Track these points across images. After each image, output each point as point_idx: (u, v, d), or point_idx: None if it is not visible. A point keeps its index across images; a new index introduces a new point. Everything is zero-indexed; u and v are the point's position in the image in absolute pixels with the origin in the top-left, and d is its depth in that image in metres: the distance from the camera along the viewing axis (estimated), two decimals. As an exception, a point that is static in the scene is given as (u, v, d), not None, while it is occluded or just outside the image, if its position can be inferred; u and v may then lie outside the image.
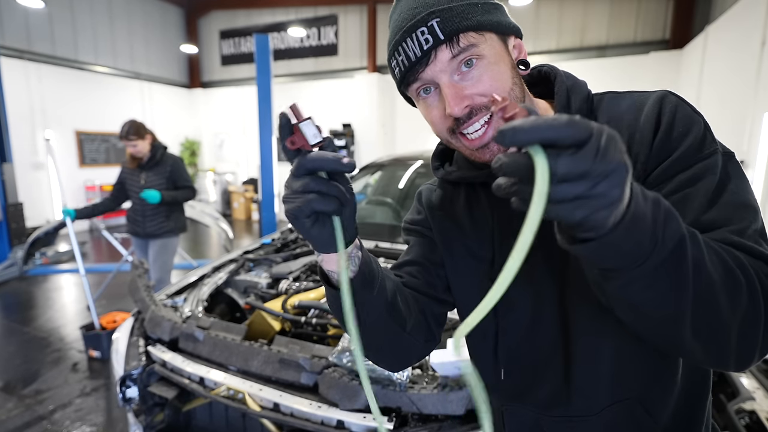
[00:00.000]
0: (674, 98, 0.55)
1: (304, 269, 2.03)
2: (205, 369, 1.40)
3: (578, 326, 0.57)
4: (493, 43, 0.55)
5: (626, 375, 0.57)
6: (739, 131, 3.98)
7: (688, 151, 0.51)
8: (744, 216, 0.47)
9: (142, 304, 1.73)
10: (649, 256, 0.36)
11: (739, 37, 4.25)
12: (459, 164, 0.70)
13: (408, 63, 0.55)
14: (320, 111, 9.08)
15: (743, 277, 0.41)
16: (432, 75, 0.54)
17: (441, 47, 0.53)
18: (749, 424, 1.71)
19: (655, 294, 0.39)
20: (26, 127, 7.10)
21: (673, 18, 6.55)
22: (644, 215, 0.35)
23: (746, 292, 0.40)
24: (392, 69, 0.58)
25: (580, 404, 0.60)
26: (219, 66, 10.21)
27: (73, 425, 2.29)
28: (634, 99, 0.57)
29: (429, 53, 0.53)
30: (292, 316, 1.58)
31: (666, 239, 0.36)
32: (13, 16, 6.97)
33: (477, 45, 0.53)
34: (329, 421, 1.17)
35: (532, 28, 7.53)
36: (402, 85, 0.58)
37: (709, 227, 0.46)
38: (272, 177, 5.48)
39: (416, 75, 0.55)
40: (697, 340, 0.41)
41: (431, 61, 0.53)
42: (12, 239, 5.47)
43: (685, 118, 0.53)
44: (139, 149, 2.82)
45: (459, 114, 0.53)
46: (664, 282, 0.38)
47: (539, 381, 0.62)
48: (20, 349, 3.20)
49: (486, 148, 0.55)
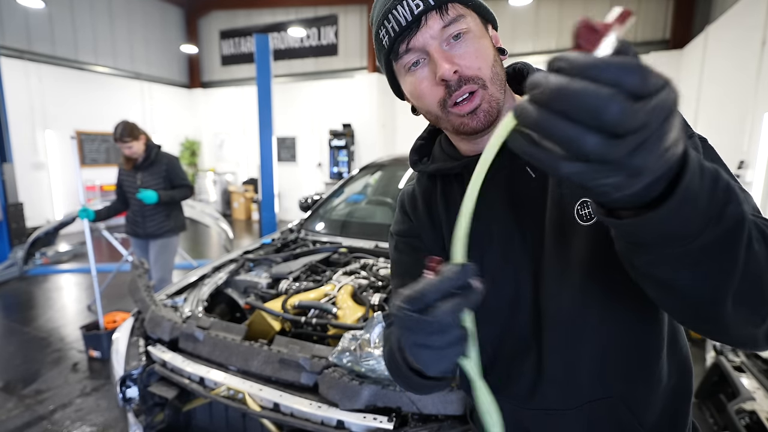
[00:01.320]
0: None
1: (304, 269, 2.03)
2: (205, 369, 1.40)
3: (554, 317, 0.57)
4: (477, 22, 0.58)
5: (608, 373, 0.57)
6: (739, 131, 3.98)
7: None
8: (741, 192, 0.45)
9: (142, 304, 1.73)
10: (699, 235, 0.32)
11: (739, 37, 4.25)
12: (435, 158, 0.71)
13: (398, 28, 0.56)
14: (320, 111, 9.08)
15: None
16: (423, 41, 0.55)
17: (431, 13, 0.54)
18: (749, 424, 1.71)
19: (695, 276, 0.34)
20: (26, 127, 7.09)
21: (673, 18, 6.55)
22: (699, 190, 0.31)
23: None
24: (380, 39, 0.59)
25: (555, 396, 0.59)
26: (219, 66, 10.21)
27: (73, 425, 2.29)
28: None
29: (420, 18, 0.54)
30: (292, 316, 1.58)
31: (724, 217, 0.32)
32: (13, 16, 6.97)
33: (465, 17, 0.56)
34: (329, 421, 1.17)
35: (532, 28, 7.53)
36: (390, 54, 0.58)
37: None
38: (272, 177, 5.47)
39: (407, 42, 0.56)
40: (737, 308, 0.37)
41: (422, 26, 0.55)
42: (12, 239, 5.47)
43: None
44: (134, 150, 2.80)
45: (449, 75, 0.54)
46: (710, 264, 0.34)
47: (516, 372, 0.62)
48: (20, 349, 3.20)
49: (474, 114, 0.57)
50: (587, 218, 0.55)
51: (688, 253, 0.33)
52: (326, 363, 1.28)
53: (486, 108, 0.57)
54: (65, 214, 4.37)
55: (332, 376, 1.23)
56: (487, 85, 0.56)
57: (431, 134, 0.75)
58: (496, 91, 0.57)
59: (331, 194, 2.94)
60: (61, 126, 7.67)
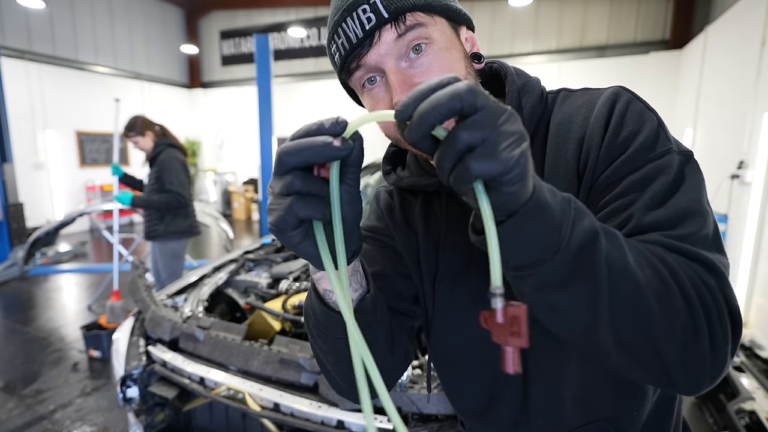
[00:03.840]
0: (627, 95, 0.51)
1: (304, 269, 2.04)
2: (206, 369, 1.40)
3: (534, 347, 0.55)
4: (443, 28, 0.50)
5: (594, 396, 0.55)
6: (739, 131, 3.98)
7: (639, 150, 0.47)
8: (692, 221, 0.43)
9: (143, 304, 1.74)
10: (557, 251, 0.34)
11: (739, 37, 4.25)
12: (411, 170, 0.65)
13: (348, 45, 0.49)
14: (320, 111, 9.08)
15: (674, 281, 0.38)
16: (376, 59, 0.48)
17: (385, 27, 0.47)
18: (749, 424, 1.71)
19: (569, 295, 0.37)
20: (27, 127, 7.10)
21: (673, 18, 6.55)
22: (549, 205, 0.34)
23: (680, 298, 0.37)
24: (332, 56, 0.52)
25: (541, 425, 0.57)
26: (219, 66, 10.21)
27: (73, 425, 2.29)
28: (586, 98, 0.54)
29: (372, 34, 0.47)
30: (293, 316, 1.58)
31: (574, 234, 0.35)
32: (13, 17, 6.97)
33: (425, 26, 0.48)
34: (329, 421, 1.17)
35: (532, 29, 7.53)
36: (343, 72, 0.52)
37: (651, 229, 0.43)
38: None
39: (358, 60, 0.49)
40: (623, 349, 0.38)
41: (375, 42, 0.48)
42: (12, 239, 5.47)
43: (636, 116, 0.49)
44: (140, 146, 2.75)
45: None
46: (577, 282, 0.36)
47: (498, 402, 0.60)
48: (21, 349, 3.20)
49: None
50: None
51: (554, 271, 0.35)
52: (326, 363, 1.28)
53: None
54: (65, 214, 4.37)
55: (332, 376, 1.23)
56: None
57: None
58: None
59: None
60: (61, 126, 7.67)
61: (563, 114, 0.55)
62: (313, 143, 0.34)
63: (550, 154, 0.54)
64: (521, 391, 0.57)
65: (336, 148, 0.33)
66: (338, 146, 0.33)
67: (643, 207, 0.44)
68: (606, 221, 0.46)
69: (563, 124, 0.54)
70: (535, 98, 0.56)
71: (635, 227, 0.44)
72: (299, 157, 0.34)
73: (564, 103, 0.56)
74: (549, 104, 0.57)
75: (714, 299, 0.39)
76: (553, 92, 0.59)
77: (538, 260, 0.35)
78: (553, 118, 0.56)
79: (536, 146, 0.56)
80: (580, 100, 0.55)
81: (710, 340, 0.38)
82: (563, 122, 0.54)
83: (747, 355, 2.12)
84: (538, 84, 0.58)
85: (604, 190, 0.48)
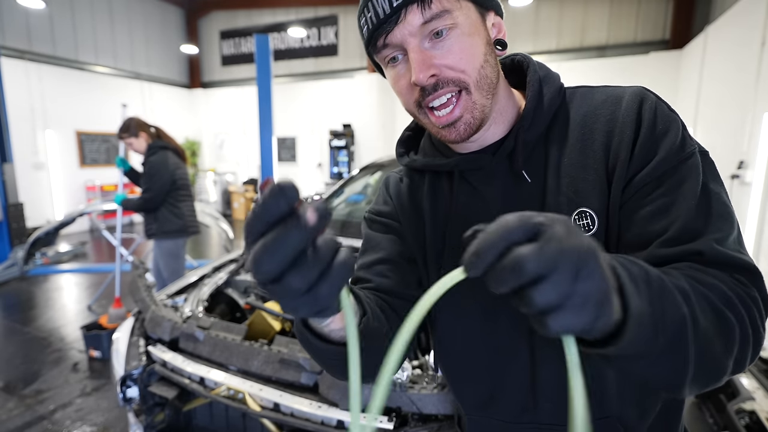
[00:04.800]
0: (652, 96, 0.54)
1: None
2: (206, 369, 1.40)
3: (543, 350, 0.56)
4: (469, 13, 0.51)
5: (606, 394, 0.55)
6: (739, 131, 3.98)
7: (671, 150, 0.49)
8: (725, 223, 0.47)
9: (143, 304, 1.74)
10: (655, 342, 0.35)
11: (739, 38, 4.25)
12: (425, 152, 0.67)
13: (376, 20, 0.50)
14: (320, 111, 9.08)
15: (733, 315, 0.40)
16: (401, 37, 0.50)
17: (412, 7, 0.49)
18: (749, 424, 1.71)
19: (659, 369, 0.38)
20: (27, 127, 7.10)
21: (673, 18, 6.55)
22: (642, 310, 0.34)
23: (738, 328, 0.40)
24: (361, 28, 0.54)
25: (549, 408, 0.58)
26: (219, 66, 10.21)
27: (73, 425, 2.29)
28: (609, 93, 0.56)
29: (399, 11, 0.49)
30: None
31: (668, 326, 0.36)
32: (13, 17, 6.97)
33: (451, 12, 0.49)
34: (329, 421, 1.17)
35: (532, 28, 7.53)
36: (370, 45, 0.54)
37: (696, 235, 0.46)
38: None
39: (384, 36, 0.51)
40: (696, 384, 0.41)
41: (400, 20, 0.49)
42: (13, 239, 5.47)
43: (665, 116, 0.51)
44: (134, 147, 2.75)
45: (424, 82, 0.50)
46: (668, 359, 0.38)
47: (504, 386, 0.60)
48: (21, 349, 3.20)
49: (452, 126, 0.53)
50: (586, 228, 0.53)
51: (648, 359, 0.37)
52: (326, 363, 1.28)
53: (468, 119, 0.53)
54: (65, 214, 4.37)
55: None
56: (470, 90, 0.52)
57: (419, 125, 0.69)
58: (481, 98, 0.53)
59: (331, 194, 2.94)
60: (61, 126, 7.67)
61: (588, 106, 0.56)
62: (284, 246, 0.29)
63: (575, 144, 0.55)
64: (529, 374, 0.58)
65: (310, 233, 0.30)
66: (312, 227, 0.29)
67: (686, 210, 0.47)
68: (652, 220, 0.49)
69: (589, 116, 0.55)
70: (555, 89, 0.58)
71: (682, 231, 0.46)
72: (276, 261, 0.30)
73: (585, 98, 0.58)
74: (567, 98, 0.59)
75: (757, 308, 0.43)
76: (571, 88, 0.60)
77: (645, 353, 0.36)
78: (577, 110, 0.57)
79: (556, 135, 0.57)
80: (602, 96, 0.56)
81: (754, 342, 0.42)
82: (589, 114, 0.56)
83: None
84: (558, 78, 0.60)
85: (644, 187, 0.50)
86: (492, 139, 0.60)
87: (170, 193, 2.80)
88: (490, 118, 0.56)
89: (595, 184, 0.53)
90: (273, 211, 0.30)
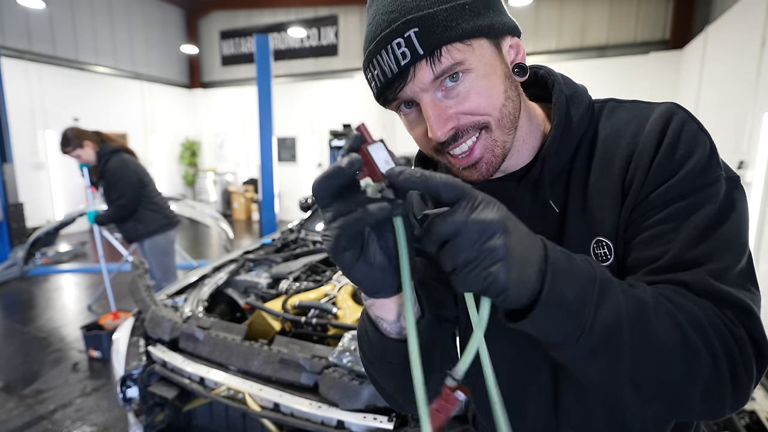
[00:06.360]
0: (681, 114, 0.49)
1: (304, 269, 2.04)
2: (206, 369, 1.40)
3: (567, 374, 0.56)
4: (483, 52, 0.47)
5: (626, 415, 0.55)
6: (739, 131, 3.98)
7: (689, 175, 0.46)
8: (730, 255, 0.44)
9: (143, 304, 1.74)
10: (579, 336, 0.37)
11: (739, 38, 4.25)
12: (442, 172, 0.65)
13: (384, 79, 0.47)
14: (320, 111, 9.08)
15: (702, 343, 0.39)
16: (411, 93, 0.48)
17: (420, 63, 0.45)
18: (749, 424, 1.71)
19: (594, 366, 0.40)
20: (27, 127, 7.10)
21: (673, 18, 6.55)
22: (563, 299, 0.36)
23: (707, 356, 0.39)
24: (368, 81, 0.51)
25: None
26: (219, 66, 10.21)
27: (73, 425, 2.29)
28: (636, 112, 0.53)
29: (407, 69, 0.46)
30: (293, 316, 1.58)
31: (597, 321, 0.37)
32: (13, 17, 6.97)
33: (463, 61, 0.46)
34: (329, 421, 1.17)
35: (532, 29, 7.53)
36: (380, 99, 0.51)
37: (690, 265, 0.44)
38: (272, 177, 5.48)
39: (394, 93, 0.48)
40: (651, 403, 0.41)
41: (410, 79, 0.46)
42: (13, 239, 5.47)
43: (690, 138, 0.48)
44: (83, 159, 2.62)
45: (443, 139, 0.48)
46: (601, 357, 0.39)
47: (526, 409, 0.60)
48: (21, 349, 3.20)
49: (474, 168, 0.51)
50: (604, 258, 0.51)
51: (577, 354, 0.39)
52: (326, 363, 1.28)
53: (488, 159, 0.50)
54: (65, 214, 4.37)
55: (332, 376, 1.23)
56: (491, 128, 0.49)
57: None
58: (502, 135, 0.50)
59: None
60: (61, 126, 7.62)
61: (611, 128, 0.53)
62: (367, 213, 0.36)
63: (596, 167, 0.53)
64: (552, 398, 0.57)
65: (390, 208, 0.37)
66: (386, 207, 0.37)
67: (684, 240, 0.45)
68: (647, 246, 0.47)
69: (611, 139, 0.53)
70: (583, 109, 0.54)
71: (673, 260, 0.45)
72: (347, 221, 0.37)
73: (612, 116, 0.55)
74: (596, 114, 0.56)
75: (741, 349, 0.41)
76: (600, 102, 0.57)
77: (561, 343, 0.39)
78: (601, 131, 0.54)
79: (580, 159, 0.55)
80: (629, 114, 0.53)
81: (733, 386, 0.40)
82: (611, 137, 0.53)
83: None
84: (585, 93, 0.56)
85: (650, 211, 0.48)
86: (516, 166, 0.57)
87: (142, 192, 2.75)
88: (513, 148, 0.53)
89: (611, 212, 0.51)
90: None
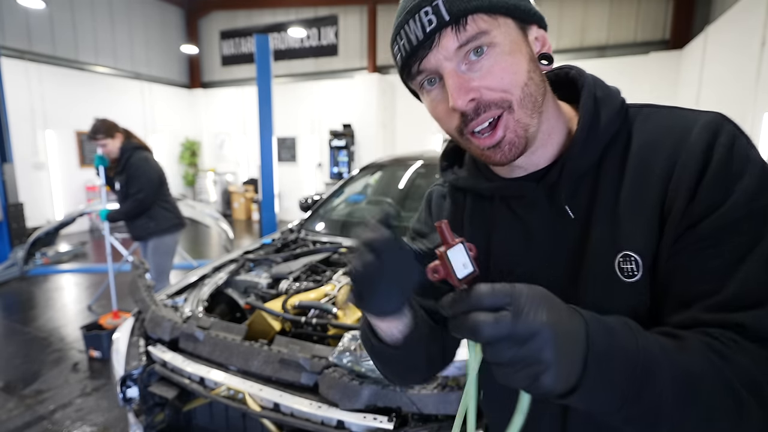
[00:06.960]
0: (729, 127, 0.46)
1: (304, 269, 2.04)
2: (206, 369, 1.40)
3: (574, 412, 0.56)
4: (509, 30, 0.48)
5: None
6: (739, 131, 3.99)
7: (744, 198, 0.43)
8: None
9: (143, 304, 1.74)
10: (618, 410, 0.38)
11: (739, 38, 4.26)
12: (469, 170, 0.63)
13: (409, 47, 0.48)
14: (320, 111, 9.08)
15: (755, 398, 0.39)
16: (435, 63, 0.48)
17: (446, 30, 0.46)
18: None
19: (629, 428, 0.41)
20: (27, 127, 7.10)
21: (673, 18, 6.55)
22: (605, 383, 0.37)
23: (756, 406, 0.39)
24: (394, 56, 0.52)
25: None
26: (219, 66, 10.21)
27: (73, 425, 2.29)
28: (678, 120, 0.49)
29: (432, 36, 0.46)
30: (293, 316, 1.58)
31: (638, 401, 0.37)
32: (13, 17, 6.97)
33: (488, 32, 0.46)
34: (329, 421, 1.17)
35: (532, 29, 7.53)
36: (404, 73, 0.52)
37: (751, 305, 0.42)
38: (272, 177, 5.48)
39: (418, 62, 0.49)
40: None
41: (434, 46, 0.47)
42: (13, 239, 5.47)
43: (741, 157, 0.44)
44: (108, 149, 2.68)
45: (463, 108, 0.47)
46: (638, 424, 0.39)
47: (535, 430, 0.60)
48: (21, 349, 3.20)
49: (497, 147, 0.50)
50: (630, 274, 0.48)
51: (612, 418, 0.40)
52: (326, 363, 1.28)
53: (511, 138, 0.49)
54: (65, 214, 4.37)
55: (332, 376, 1.23)
56: (513, 108, 0.48)
57: None
58: (525, 116, 0.49)
59: (331, 194, 2.94)
60: (61, 126, 7.67)
61: (648, 133, 0.50)
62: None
63: (629, 176, 0.50)
64: (560, 422, 0.57)
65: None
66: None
67: (744, 272, 0.42)
68: (701, 277, 0.44)
69: (648, 146, 0.50)
70: (613, 111, 0.52)
71: (735, 296, 0.42)
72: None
73: (649, 121, 0.52)
74: (630, 118, 0.53)
75: None
76: (636, 106, 0.54)
77: (599, 413, 0.40)
78: (637, 136, 0.51)
79: (611, 164, 0.51)
80: (669, 121, 0.50)
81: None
82: (648, 144, 0.50)
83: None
84: (617, 95, 0.54)
85: (703, 239, 0.44)
86: (540, 164, 0.56)
87: (159, 189, 2.79)
88: (537, 139, 0.52)
89: (645, 227, 0.47)
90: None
